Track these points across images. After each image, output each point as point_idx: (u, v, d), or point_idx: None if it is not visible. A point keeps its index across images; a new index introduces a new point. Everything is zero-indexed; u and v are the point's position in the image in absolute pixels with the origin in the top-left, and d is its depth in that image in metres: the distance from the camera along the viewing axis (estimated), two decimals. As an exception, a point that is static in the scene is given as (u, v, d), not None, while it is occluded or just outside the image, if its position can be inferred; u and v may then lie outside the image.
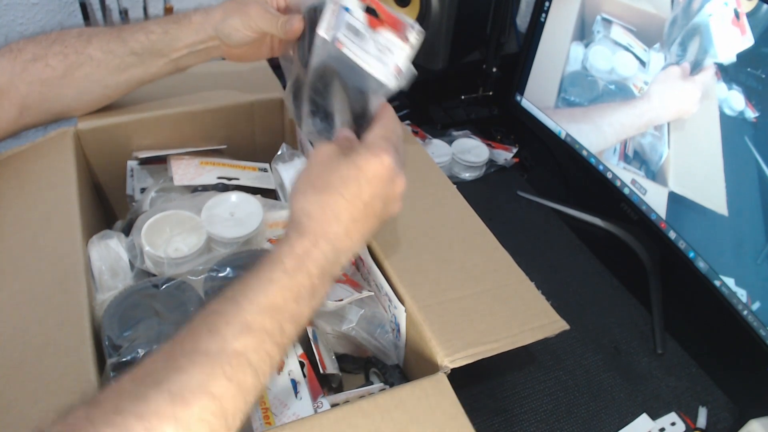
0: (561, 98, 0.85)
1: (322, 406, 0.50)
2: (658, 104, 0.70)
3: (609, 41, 0.76)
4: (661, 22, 0.68)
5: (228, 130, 0.77)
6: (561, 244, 0.84)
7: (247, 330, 0.37)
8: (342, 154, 0.45)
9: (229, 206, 0.62)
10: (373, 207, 0.44)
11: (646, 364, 0.68)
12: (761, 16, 0.57)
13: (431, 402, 0.45)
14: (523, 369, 0.66)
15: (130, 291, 0.52)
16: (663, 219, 0.72)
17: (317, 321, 0.56)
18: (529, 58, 0.90)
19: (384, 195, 0.45)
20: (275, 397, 0.49)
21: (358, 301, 0.57)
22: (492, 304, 0.54)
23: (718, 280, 0.65)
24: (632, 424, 0.62)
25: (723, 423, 0.63)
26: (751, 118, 0.59)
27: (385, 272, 0.57)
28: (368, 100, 0.49)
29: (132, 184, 0.74)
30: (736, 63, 0.59)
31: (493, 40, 1.02)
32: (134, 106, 0.73)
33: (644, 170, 0.74)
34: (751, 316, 0.61)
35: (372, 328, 0.58)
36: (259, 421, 0.48)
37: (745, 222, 0.61)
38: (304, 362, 0.52)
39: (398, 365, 0.58)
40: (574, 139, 0.85)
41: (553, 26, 0.85)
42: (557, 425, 0.62)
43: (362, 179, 0.43)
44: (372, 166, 0.43)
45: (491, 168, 0.96)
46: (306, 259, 0.41)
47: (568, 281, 0.78)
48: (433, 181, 0.69)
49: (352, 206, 0.43)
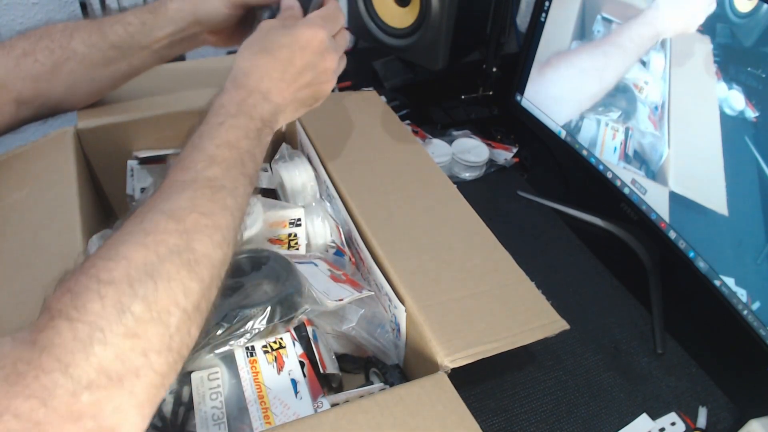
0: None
1: (322, 406, 0.50)
2: (666, 13, 0.68)
3: (609, 41, 0.75)
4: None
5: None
6: (561, 244, 0.84)
7: (212, 161, 0.44)
8: (282, 26, 0.52)
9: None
10: (303, 75, 0.51)
11: (646, 364, 0.68)
12: (761, 16, 0.57)
13: (432, 399, 0.45)
14: (523, 369, 0.66)
15: (130, 291, 0.52)
16: (663, 219, 0.72)
17: (317, 321, 0.56)
18: (529, 58, 0.90)
19: (314, 65, 0.51)
20: (275, 397, 0.49)
21: (358, 301, 0.57)
22: (492, 304, 0.54)
23: (718, 279, 0.65)
24: (632, 424, 0.62)
25: (723, 423, 0.63)
26: (751, 118, 0.59)
27: (386, 272, 0.57)
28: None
29: (132, 184, 0.74)
30: (736, 62, 0.59)
31: (493, 40, 1.01)
32: (134, 105, 0.73)
33: (644, 170, 0.74)
34: (751, 316, 0.61)
35: (372, 328, 0.58)
36: (259, 421, 0.48)
37: (745, 222, 0.61)
38: (304, 362, 0.52)
39: (398, 365, 0.58)
40: (575, 139, 0.85)
41: (553, 26, 0.85)
42: (557, 425, 0.62)
43: (295, 46, 0.50)
44: (305, 36, 0.51)
45: (491, 168, 0.96)
46: (244, 105, 0.48)
47: (568, 281, 0.78)
48: (433, 181, 0.69)
49: (282, 68, 0.50)
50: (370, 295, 0.58)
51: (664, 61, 0.68)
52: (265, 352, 0.51)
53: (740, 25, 0.59)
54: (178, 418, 0.48)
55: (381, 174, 0.68)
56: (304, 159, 0.71)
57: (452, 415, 0.44)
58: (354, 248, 0.64)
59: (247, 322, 0.50)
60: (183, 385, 0.50)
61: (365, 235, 0.60)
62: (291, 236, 0.64)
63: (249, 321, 0.50)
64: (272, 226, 0.63)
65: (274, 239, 0.63)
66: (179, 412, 0.49)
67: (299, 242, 0.63)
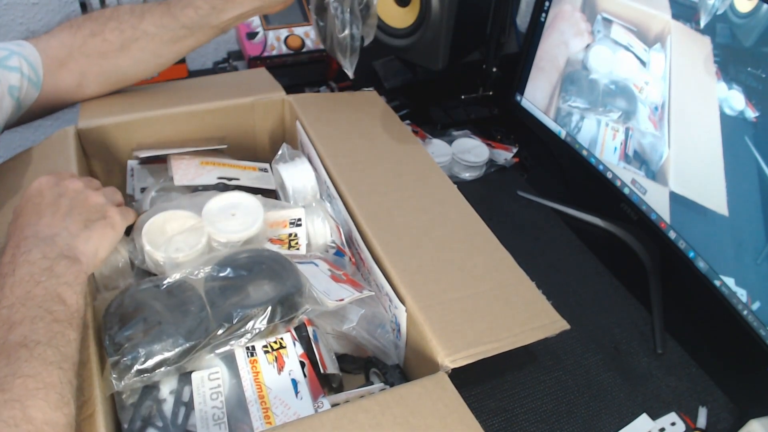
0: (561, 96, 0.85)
1: (323, 406, 0.50)
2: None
3: (609, 41, 0.76)
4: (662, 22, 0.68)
5: (228, 129, 0.77)
6: (561, 244, 0.84)
7: (11, 324, 0.41)
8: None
9: (230, 206, 0.62)
10: (57, 204, 0.51)
11: (646, 364, 0.68)
12: (761, 16, 0.57)
13: (432, 398, 0.45)
14: (523, 369, 0.66)
15: (130, 290, 0.52)
16: (663, 219, 0.72)
17: (317, 321, 0.56)
18: (529, 58, 0.90)
19: (58, 194, 0.52)
20: (276, 397, 0.49)
21: (358, 301, 0.57)
22: (493, 304, 0.54)
23: (718, 280, 0.65)
24: (632, 424, 0.62)
25: (723, 423, 0.63)
26: (751, 118, 0.59)
27: (386, 272, 0.57)
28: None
29: (132, 184, 0.74)
30: (736, 62, 0.59)
31: (493, 40, 1.02)
32: (135, 105, 0.73)
33: (644, 170, 0.74)
34: (751, 316, 0.61)
35: (372, 328, 0.58)
36: (259, 421, 0.48)
37: (745, 222, 0.61)
38: (304, 362, 0.52)
39: (398, 365, 0.58)
40: (575, 139, 0.85)
41: (554, 26, 0.85)
42: (557, 425, 0.62)
43: (31, 194, 0.52)
44: (32, 186, 0.53)
45: (491, 168, 0.96)
46: (16, 255, 0.46)
47: (568, 281, 0.78)
48: (434, 181, 0.69)
49: (34, 211, 0.51)
50: (370, 295, 0.58)
51: (664, 61, 0.68)
52: (266, 352, 0.51)
53: (740, 25, 0.59)
54: (178, 417, 0.48)
55: (381, 174, 0.68)
56: (305, 159, 0.71)
57: (453, 415, 0.44)
58: (354, 248, 0.64)
59: (248, 322, 0.50)
60: (184, 385, 0.50)
61: (365, 235, 0.60)
62: (291, 236, 0.64)
63: (249, 321, 0.50)
64: (272, 226, 0.63)
65: (275, 239, 0.63)
66: (179, 412, 0.49)
67: (299, 242, 0.63)
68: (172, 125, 0.74)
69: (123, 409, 0.48)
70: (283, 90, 0.80)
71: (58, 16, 1.08)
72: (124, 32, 0.69)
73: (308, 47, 1.08)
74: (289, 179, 0.69)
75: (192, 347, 0.49)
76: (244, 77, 0.88)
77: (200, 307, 0.51)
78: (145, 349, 0.47)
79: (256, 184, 0.70)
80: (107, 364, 0.48)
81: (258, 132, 0.81)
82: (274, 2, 0.70)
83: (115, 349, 0.48)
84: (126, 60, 0.71)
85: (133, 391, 0.49)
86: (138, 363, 0.47)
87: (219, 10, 0.69)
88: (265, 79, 0.83)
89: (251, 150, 0.81)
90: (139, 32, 0.69)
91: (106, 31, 0.69)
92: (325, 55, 1.10)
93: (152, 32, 0.70)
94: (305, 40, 1.08)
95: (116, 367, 0.47)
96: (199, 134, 0.76)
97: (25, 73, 0.65)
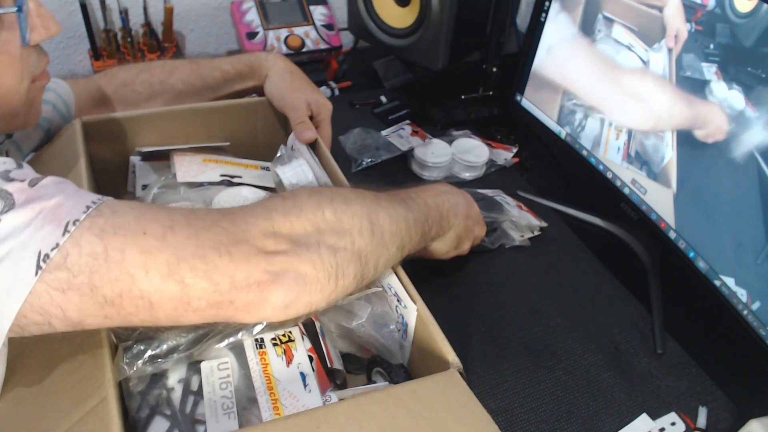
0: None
1: (331, 400, 0.50)
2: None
3: (610, 40, 0.76)
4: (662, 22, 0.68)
5: (231, 127, 0.78)
6: (561, 244, 0.84)
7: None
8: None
9: (240, 200, 0.62)
10: (467, 221, 0.67)
11: (646, 364, 0.68)
12: (761, 16, 0.57)
13: (444, 393, 0.45)
14: (523, 369, 0.66)
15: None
16: (663, 219, 0.72)
17: (324, 317, 0.56)
18: (529, 58, 0.90)
19: (469, 227, 0.68)
20: (284, 389, 0.49)
21: (366, 298, 0.57)
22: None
23: (718, 280, 0.65)
24: (632, 424, 0.62)
25: (723, 423, 0.63)
26: (751, 118, 0.59)
27: (396, 271, 0.57)
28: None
29: (134, 181, 0.74)
30: (736, 62, 0.60)
31: (493, 40, 1.02)
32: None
33: (646, 170, 0.74)
34: (751, 316, 0.61)
35: (379, 326, 0.58)
36: (268, 412, 0.48)
37: (745, 222, 0.61)
38: (312, 356, 0.52)
39: (403, 365, 0.58)
40: (575, 139, 0.85)
41: (554, 26, 0.85)
42: (557, 425, 0.62)
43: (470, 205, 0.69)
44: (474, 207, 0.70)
45: (491, 168, 0.96)
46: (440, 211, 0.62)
47: (568, 281, 0.78)
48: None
49: (463, 208, 0.67)
50: (377, 293, 0.58)
51: (664, 61, 0.68)
52: (274, 345, 0.52)
53: (740, 25, 0.59)
54: (186, 406, 0.48)
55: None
56: (302, 159, 0.71)
57: (465, 408, 0.44)
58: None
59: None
60: (192, 374, 0.50)
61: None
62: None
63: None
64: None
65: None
66: (188, 401, 0.49)
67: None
68: (175, 122, 0.74)
69: (131, 397, 0.48)
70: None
71: (57, 16, 1.07)
72: (152, 86, 0.77)
73: (308, 47, 1.08)
74: (288, 179, 0.69)
75: (204, 335, 0.49)
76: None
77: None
78: (157, 335, 0.48)
79: (258, 182, 0.70)
80: (119, 349, 0.48)
81: (260, 130, 0.81)
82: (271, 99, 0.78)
83: (127, 334, 0.48)
84: (149, 108, 0.76)
85: (141, 379, 0.49)
86: (151, 348, 0.47)
87: (243, 77, 0.79)
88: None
89: (253, 148, 0.81)
90: (166, 87, 0.77)
91: (136, 83, 0.76)
92: (325, 55, 1.10)
93: (178, 88, 0.77)
94: (305, 40, 1.08)
95: (128, 353, 0.47)
96: (202, 132, 0.76)
97: (58, 109, 0.71)
